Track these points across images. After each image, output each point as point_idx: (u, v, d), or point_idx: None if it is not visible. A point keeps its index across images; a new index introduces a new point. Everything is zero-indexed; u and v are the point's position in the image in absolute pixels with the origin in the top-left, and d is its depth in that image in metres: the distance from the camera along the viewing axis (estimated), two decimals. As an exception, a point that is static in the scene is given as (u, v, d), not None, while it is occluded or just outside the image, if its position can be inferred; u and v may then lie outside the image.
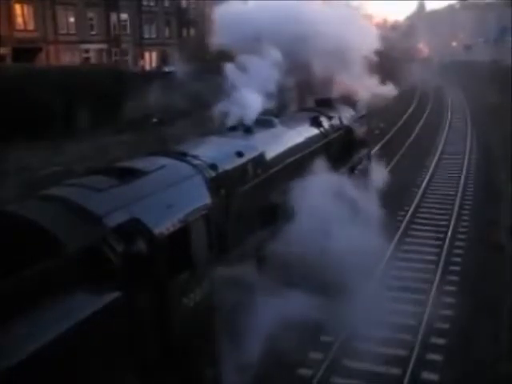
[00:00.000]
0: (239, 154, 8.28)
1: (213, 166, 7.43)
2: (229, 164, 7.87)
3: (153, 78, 29.05)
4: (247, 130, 9.60)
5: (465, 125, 31.66)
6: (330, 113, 13.29)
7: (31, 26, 37.96)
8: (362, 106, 15.45)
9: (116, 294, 5.03)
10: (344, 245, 8.65)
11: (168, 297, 5.85)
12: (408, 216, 14.97)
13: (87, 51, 42.99)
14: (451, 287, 10.90)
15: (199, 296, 6.41)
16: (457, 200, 16.52)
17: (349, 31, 12.45)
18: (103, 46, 44.42)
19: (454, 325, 9.47)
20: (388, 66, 23.72)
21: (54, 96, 23.16)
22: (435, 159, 22.36)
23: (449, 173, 20.38)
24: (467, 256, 12.49)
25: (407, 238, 13.51)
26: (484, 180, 19.12)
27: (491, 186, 18.15)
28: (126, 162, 7.12)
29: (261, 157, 8.87)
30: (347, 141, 13.58)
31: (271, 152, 9.28)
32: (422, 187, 18.00)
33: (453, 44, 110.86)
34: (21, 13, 37.26)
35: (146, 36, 49.49)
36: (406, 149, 24.13)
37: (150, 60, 50.14)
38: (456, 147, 25.03)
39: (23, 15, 37.40)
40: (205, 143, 8.78)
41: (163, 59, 48.76)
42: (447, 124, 32.19)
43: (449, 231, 13.83)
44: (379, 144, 22.50)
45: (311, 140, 11.26)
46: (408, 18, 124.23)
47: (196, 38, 43.34)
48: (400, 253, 12.19)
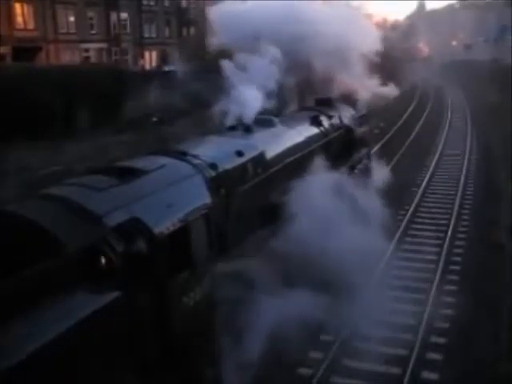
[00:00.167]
0: (239, 154, 8.27)
1: (213, 166, 7.43)
2: (229, 163, 7.86)
3: (153, 78, 29.08)
4: (247, 130, 9.59)
5: (465, 124, 31.64)
6: (330, 112, 13.28)
7: (31, 26, 37.94)
8: (362, 106, 15.44)
9: (116, 294, 5.03)
10: (344, 244, 8.66)
11: (168, 296, 5.84)
12: (408, 215, 14.97)
13: (87, 50, 42.97)
14: (451, 287, 10.90)
15: (199, 295, 6.41)
16: (457, 199, 16.52)
17: (349, 31, 12.44)
18: (103, 46, 44.41)
19: (454, 324, 9.46)
20: (389, 66, 23.71)
21: (54, 95, 23.14)
22: (435, 159, 22.36)
23: (449, 172, 20.37)
24: (467, 255, 12.49)
25: (407, 238, 13.52)
26: (484, 179, 19.11)
27: (491, 186, 18.14)
28: (126, 162, 7.11)
29: (261, 156, 8.86)
30: (347, 140, 13.56)
31: (271, 151, 9.27)
32: (422, 187, 18.00)
33: (453, 43, 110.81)
34: (21, 12, 37.26)
35: (146, 35, 49.48)
36: (406, 148, 24.13)
37: (150, 59, 50.14)
38: (456, 147, 25.03)
39: (23, 14, 37.39)
40: (205, 142, 8.78)
41: (163, 59, 48.77)
42: (447, 123, 32.18)
43: (449, 230, 13.83)
44: (379, 143, 22.49)
45: (311, 139, 11.24)
46: (408, 18, 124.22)
47: (196, 38, 43.28)
48: (400, 252, 12.19)
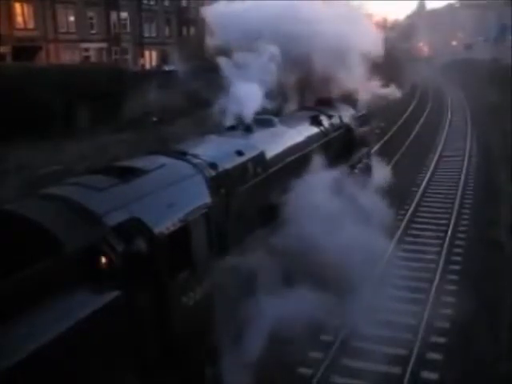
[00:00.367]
0: (239, 153, 8.27)
1: (213, 165, 7.43)
2: (229, 163, 7.86)
3: (153, 77, 29.05)
4: (247, 129, 9.58)
5: (465, 124, 31.62)
6: (330, 112, 13.27)
7: (31, 25, 37.96)
8: (363, 105, 15.43)
9: (116, 294, 5.02)
10: (343, 243, 8.66)
11: (168, 296, 5.84)
12: (408, 215, 14.96)
13: (87, 50, 42.98)
14: (451, 286, 10.90)
15: (199, 295, 6.41)
16: (457, 199, 16.51)
17: (349, 31, 12.42)
18: (103, 45, 44.42)
19: (454, 324, 9.45)
20: (390, 67, 23.70)
21: (54, 95, 23.14)
22: (435, 158, 22.35)
23: (449, 172, 20.36)
24: (467, 255, 12.48)
25: (407, 237, 13.51)
26: (484, 179, 19.09)
27: (491, 185, 18.13)
28: (126, 161, 7.11)
29: (261, 156, 8.86)
30: (347, 140, 13.56)
31: (271, 151, 9.26)
32: (422, 186, 18.00)
33: (453, 43, 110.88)
34: (21, 12, 37.27)
35: (146, 35, 49.49)
36: (406, 148, 24.12)
37: (150, 59, 50.15)
38: (456, 146, 25.01)
39: (23, 14, 37.41)
40: (205, 142, 8.77)
41: (163, 58, 48.75)
42: (447, 123, 32.17)
43: (449, 230, 13.83)
44: (379, 143, 22.48)
45: (311, 139, 11.23)
46: (408, 17, 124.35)
47: (196, 37, 43.27)
48: (400, 251, 12.17)
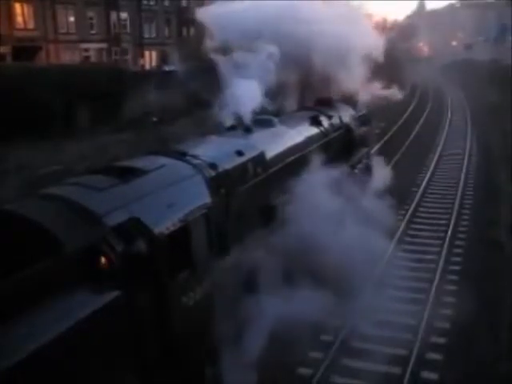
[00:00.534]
0: (239, 154, 8.27)
1: (213, 166, 7.43)
2: (229, 163, 7.86)
3: (153, 78, 29.06)
4: (247, 130, 9.59)
5: (465, 124, 31.62)
6: (330, 112, 13.27)
7: (31, 25, 37.97)
8: (363, 106, 15.43)
9: (116, 294, 5.02)
10: (343, 243, 8.67)
11: (168, 296, 5.84)
12: (408, 215, 14.96)
13: (87, 50, 42.99)
14: (451, 286, 10.90)
15: (199, 295, 6.41)
16: (457, 199, 16.51)
17: (349, 31, 12.42)
18: (103, 45, 44.42)
19: (455, 324, 9.45)
20: (391, 67, 23.68)
21: (54, 95, 23.16)
22: (435, 158, 22.36)
23: (449, 172, 20.35)
24: (467, 255, 12.48)
25: (407, 238, 13.51)
26: (484, 179, 19.09)
27: (491, 185, 18.13)
28: (126, 162, 7.12)
29: (261, 156, 8.86)
30: (347, 140, 13.56)
31: (271, 151, 9.26)
32: (422, 186, 18.00)
33: (453, 43, 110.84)
34: (21, 12, 37.29)
35: (146, 35, 49.49)
36: (406, 148, 24.12)
37: (150, 59, 50.14)
38: (456, 146, 25.01)
39: (23, 14, 37.42)
40: (205, 142, 8.78)
41: (163, 58, 48.73)
42: (447, 123, 32.17)
43: (449, 230, 13.83)
44: (380, 143, 22.48)
45: (311, 139, 11.24)
46: (408, 18, 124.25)
47: (196, 38, 43.25)
48: (400, 252, 12.17)
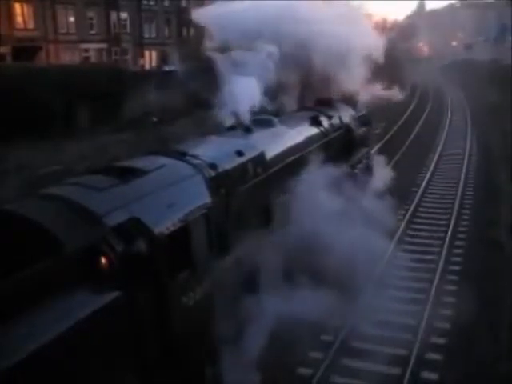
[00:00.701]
0: (239, 154, 8.28)
1: (213, 166, 7.43)
2: (229, 163, 7.86)
3: (153, 78, 29.05)
4: (247, 130, 9.59)
5: (465, 124, 31.62)
6: (330, 112, 13.28)
7: (31, 25, 37.96)
8: (363, 106, 15.43)
9: (116, 294, 5.02)
10: (343, 243, 8.67)
11: (168, 296, 5.84)
12: (408, 215, 14.96)
13: (87, 50, 42.98)
14: (451, 286, 10.90)
15: (199, 295, 6.41)
16: (457, 199, 16.51)
17: (349, 32, 12.41)
18: (103, 46, 44.41)
19: (454, 324, 9.45)
20: (391, 68, 23.68)
21: (54, 95, 23.15)
22: (435, 158, 22.36)
23: (449, 172, 20.35)
24: (467, 255, 12.48)
25: (407, 238, 13.51)
26: (484, 179, 19.10)
27: (491, 185, 18.13)
28: (126, 162, 7.12)
29: (261, 156, 8.86)
30: (347, 140, 13.57)
31: (271, 151, 9.27)
32: (422, 186, 18.00)
33: (453, 43, 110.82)
34: (20, 12, 37.28)
35: (146, 35, 49.48)
36: (406, 148, 24.12)
37: (150, 59, 50.13)
38: (456, 146, 25.01)
39: (23, 14, 37.41)
40: (204, 143, 8.78)
41: (163, 58, 48.72)
42: (447, 123, 32.17)
43: (449, 230, 13.84)
44: (380, 143, 22.48)
45: (311, 139, 11.24)
46: (408, 18, 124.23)
47: (196, 38, 43.26)
48: (400, 252, 12.17)
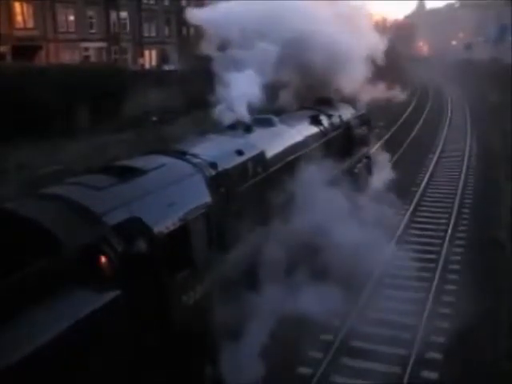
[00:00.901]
0: (239, 153, 8.28)
1: (213, 165, 7.43)
2: (229, 162, 7.86)
3: (152, 77, 29.06)
4: (247, 129, 9.59)
5: (464, 123, 31.62)
6: (330, 111, 13.28)
7: (31, 24, 37.91)
8: (362, 105, 15.43)
9: (116, 293, 5.02)
10: (343, 243, 8.67)
11: (168, 295, 5.85)
12: (408, 215, 14.95)
13: (87, 49, 42.93)
14: (451, 286, 10.90)
15: (199, 294, 6.41)
16: (457, 199, 16.51)
17: (349, 32, 12.39)
18: (103, 45, 44.36)
19: (454, 324, 9.45)
20: (392, 68, 23.69)
21: (54, 94, 23.12)
22: (435, 158, 22.35)
23: (449, 172, 20.35)
24: (467, 255, 12.48)
25: (407, 237, 13.50)
26: (484, 179, 19.09)
27: (491, 185, 18.12)
28: (126, 161, 7.12)
29: (261, 155, 8.86)
30: (347, 139, 13.57)
31: (271, 150, 9.27)
32: (422, 186, 17.99)
33: (453, 43, 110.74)
34: (20, 11, 37.23)
35: (146, 34, 49.40)
36: (406, 147, 24.11)
37: (150, 58, 50.09)
38: (456, 146, 25.01)
39: (23, 13, 37.36)
40: (204, 142, 8.78)
41: (163, 58, 48.73)
42: (447, 123, 32.17)
43: (449, 229, 13.84)
44: (379, 142, 22.46)
45: (311, 138, 11.24)
46: (408, 17, 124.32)
47: (196, 37, 43.24)
48: (400, 251, 12.17)
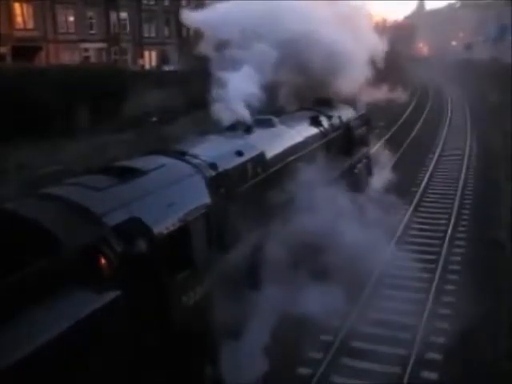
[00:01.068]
0: (239, 154, 8.28)
1: (212, 165, 7.44)
2: (229, 163, 7.87)
3: (152, 77, 29.06)
4: (247, 129, 9.60)
5: (464, 123, 31.61)
6: (330, 112, 13.28)
7: (31, 25, 37.92)
8: (362, 105, 15.44)
9: (116, 294, 5.03)
10: (342, 243, 8.68)
11: (168, 295, 5.85)
12: (408, 215, 14.96)
13: (87, 50, 42.93)
14: (451, 286, 10.90)
15: (199, 294, 6.42)
16: (456, 199, 16.51)
17: (350, 33, 12.40)
18: (103, 45, 44.36)
19: (453, 324, 9.45)
20: (392, 68, 23.68)
21: (54, 95, 23.13)
22: (435, 158, 22.35)
23: (448, 172, 20.35)
24: (467, 255, 12.48)
25: (407, 238, 13.51)
26: (484, 179, 19.09)
27: (491, 185, 18.12)
28: (126, 161, 7.12)
29: (260, 156, 8.86)
30: (347, 140, 13.58)
31: (271, 151, 9.28)
32: (422, 186, 17.99)
33: (453, 43, 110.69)
34: (20, 12, 37.25)
35: (146, 35, 49.38)
36: (406, 147, 24.11)
37: (150, 59, 50.07)
38: (456, 146, 25.00)
39: (23, 14, 37.38)
40: (204, 142, 8.79)
41: (163, 58, 48.71)
42: (447, 122, 32.17)
43: (449, 229, 13.84)
44: (379, 143, 22.46)
45: (311, 139, 11.24)
46: (408, 18, 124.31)
47: (195, 38, 43.24)
48: (400, 252, 12.18)
